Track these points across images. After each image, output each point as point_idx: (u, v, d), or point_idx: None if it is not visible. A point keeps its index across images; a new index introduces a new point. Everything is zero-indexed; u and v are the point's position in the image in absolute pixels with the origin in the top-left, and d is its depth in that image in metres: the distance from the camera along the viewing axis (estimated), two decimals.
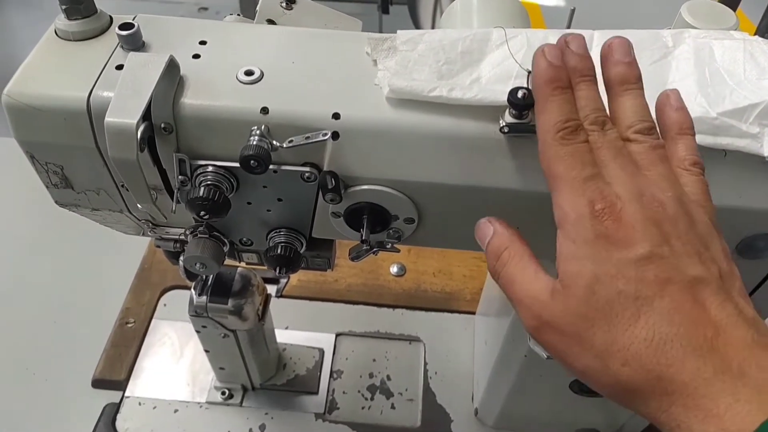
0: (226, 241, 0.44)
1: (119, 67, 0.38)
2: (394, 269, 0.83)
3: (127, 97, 0.34)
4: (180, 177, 0.38)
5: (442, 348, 0.76)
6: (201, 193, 0.37)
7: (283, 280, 0.82)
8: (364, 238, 0.40)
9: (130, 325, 0.76)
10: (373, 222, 0.40)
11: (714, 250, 0.29)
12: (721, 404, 0.25)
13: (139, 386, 0.71)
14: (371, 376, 0.74)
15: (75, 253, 0.84)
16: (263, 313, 0.61)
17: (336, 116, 0.37)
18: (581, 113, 0.32)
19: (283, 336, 0.74)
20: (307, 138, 0.36)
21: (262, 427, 0.68)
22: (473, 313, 0.79)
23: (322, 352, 0.75)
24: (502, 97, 0.36)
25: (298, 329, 0.77)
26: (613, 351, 0.28)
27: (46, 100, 0.37)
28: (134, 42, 0.39)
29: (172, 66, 0.37)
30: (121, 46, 0.39)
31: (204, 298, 0.57)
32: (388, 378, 0.73)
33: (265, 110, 0.37)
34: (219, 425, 0.68)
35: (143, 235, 0.49)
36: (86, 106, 0.37)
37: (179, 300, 0.79)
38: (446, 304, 0.80)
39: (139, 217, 0.45)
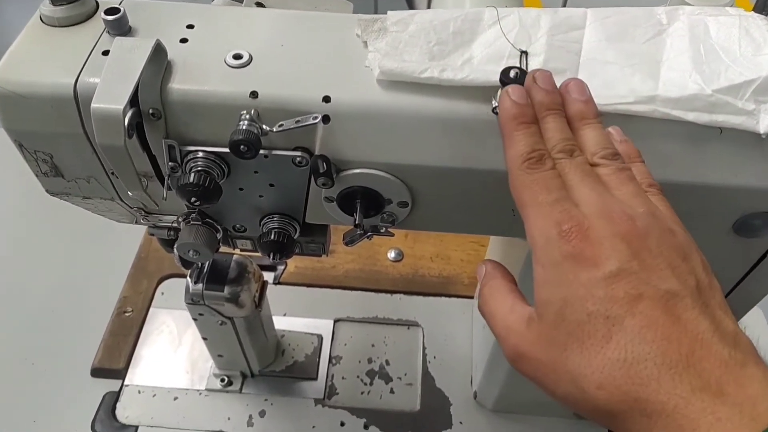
0: (219, 227, 0.44)
1: (106, 53, 0.37)
2: (391, 254, 0.83)
3: (113, 82, 0.34)
4: (170, 163, 0.38)
5: (440, 332, 0.76)
6: (192, 179, 0.37)
7: (281, 267, 0.82)
8: (357, 222, 0.39)
9: (128, 314, 0.76)
10: (367, 206, 0.40)
11: (693, 262, 0.29)
12: (702, 425, 0.24)
13: (138, 374, 0.71)
14: (370, 361, 0.74)
15: (70, 243, 0.84)
16: (260, 300, 0.60)
17: (326, 99, 0.36)
18: (549, 144, 0.32)
19: (281, 323, 0.74)
20: (298, 122, 0.35)
21: (262, 413, 0.69)
22: (471, 297, 0.79)
23: (320, 338, 0.75)
24: (494, 78, 0.35)
25: (297, 316, 0.77)
26: (587, 375, 0.27)
27: (33, 87, 0.36)
28: (120, 27, 0.38)
29: (158, 50, 0.36)
30: (108, 32, 0.38)
31: (200, 285, 0.57)
32: (387, 363, 0.73)
33: (254, 94, 0.36)
34: (219, 412, 0.68)
35: (136, 223, 0.49)
36: (73, 93, 0.36)
37: (177, 288, 0.79)
38: (444, 289, 0.80)
39: (131, 205, 0.44)
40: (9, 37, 0.39)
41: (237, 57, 0.38)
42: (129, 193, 0.38)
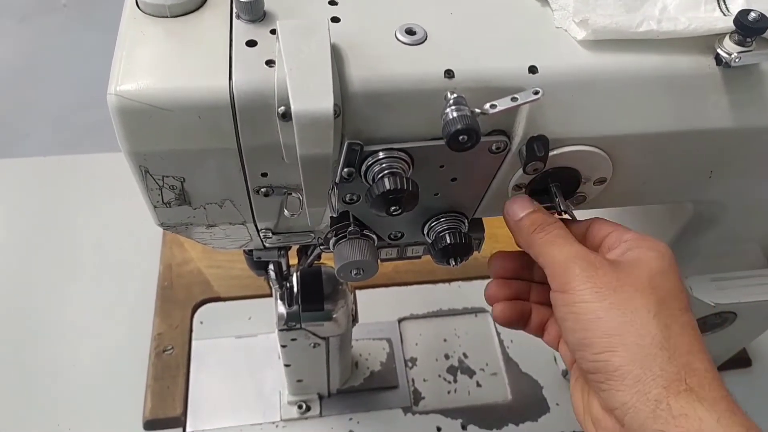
0: (375, 238, 0.37)
1: (251, 44, 0.30)
2: None
3: (304, 77, 0.27)
4: (346, 169, 0.31)
5: None
6: (388, 185, 0.30)
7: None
8: (563, 209, 0.34)
9: (168, 353, 0.67)
10: (563, 189, 0.35)
11: None
12: None
13: (201, 419, 0.63)
14: (447, 357, 0.69)
15: (82, 290, 0.73)
16: (356, 313, 0.54)
17: (533, 70, 0.31)
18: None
19: None
20: (514, 99, 0.30)
21: None
22: None
23: (390, 342, 0.69)
24: (720, 24, 0.31)
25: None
26: None
27: (174, 95, 0.29)
28: (255, 11, 0.31)
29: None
30: (237, 16, 0.31)
31: (296, 308, 0.50)
32: (465, 356, 0.69)
33: (449, 73, 0.30)
34: None
35: (244, 248, 0.41)
36: (229, 97, 0.29)
37: (216, 314, 0.71)
38: None
39: (262, 227, 0.37)
40: None
41: (410, 32, 0.31)
42: (306, 210, 0.31)
